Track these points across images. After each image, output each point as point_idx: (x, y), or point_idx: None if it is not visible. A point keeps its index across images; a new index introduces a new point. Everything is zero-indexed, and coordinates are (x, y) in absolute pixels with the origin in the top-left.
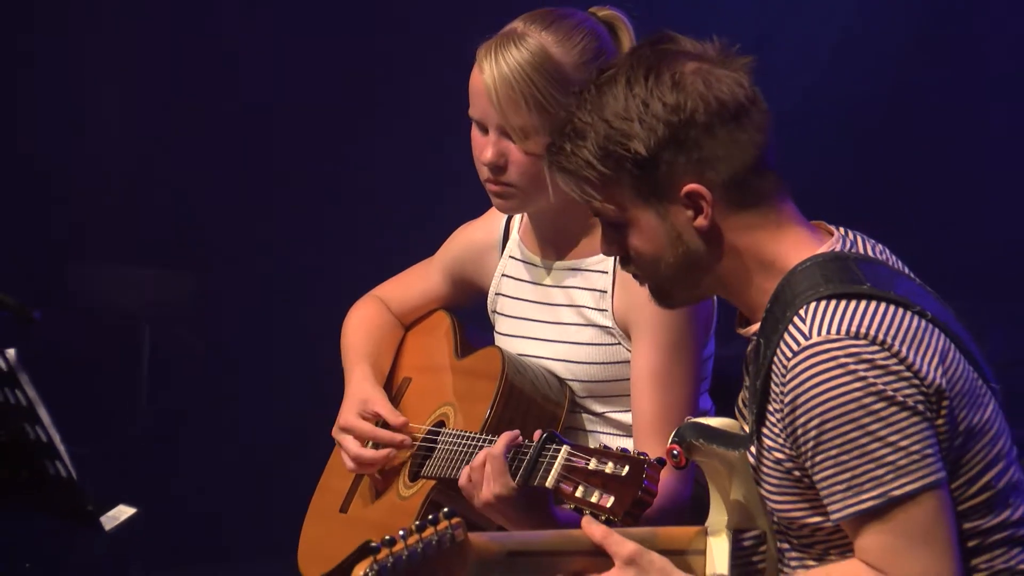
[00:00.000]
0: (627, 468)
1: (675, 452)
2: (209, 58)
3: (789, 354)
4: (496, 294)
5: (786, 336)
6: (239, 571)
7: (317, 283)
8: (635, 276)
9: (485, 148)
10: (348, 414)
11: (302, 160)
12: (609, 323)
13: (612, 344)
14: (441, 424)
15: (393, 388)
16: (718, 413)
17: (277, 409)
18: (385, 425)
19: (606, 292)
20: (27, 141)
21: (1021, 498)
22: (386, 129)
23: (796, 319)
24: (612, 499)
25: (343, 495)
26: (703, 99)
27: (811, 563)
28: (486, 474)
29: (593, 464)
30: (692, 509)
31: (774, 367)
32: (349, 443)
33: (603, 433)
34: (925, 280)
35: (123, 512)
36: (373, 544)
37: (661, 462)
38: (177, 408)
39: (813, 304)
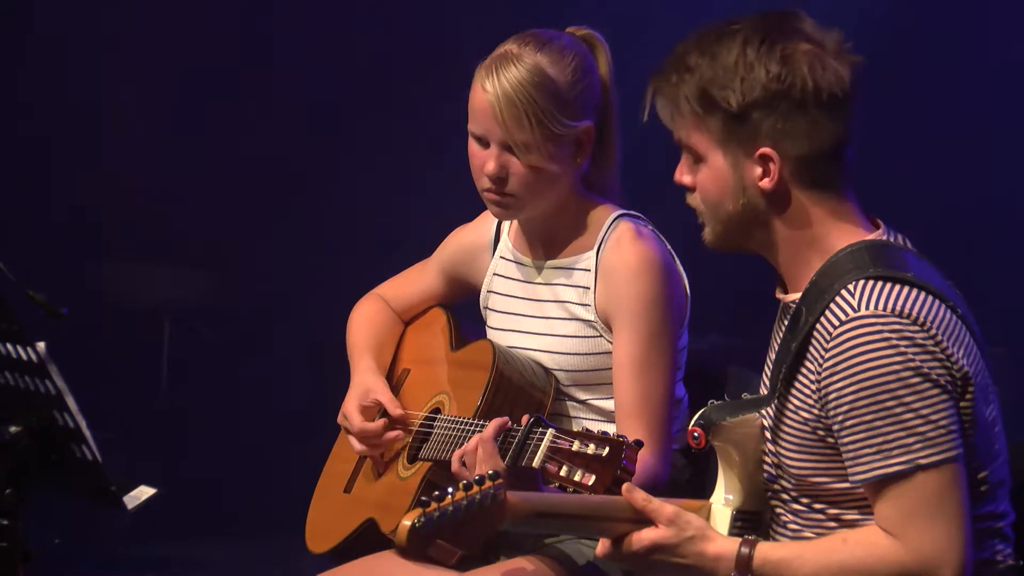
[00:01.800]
0: (607, 449)
1: (696, 434)
2: (224, 67)
3: (836, 322)
4: (488, 291)
5: (832, 306)
6: (250, 545)
7: (323, 282)
8: (696, 211)
9: (487, 161)
10: (351, 403)
11: (312, 170)
12: (591, 317)
13: (594, 336)
14: (437, 411)
15: (393, 378)
16: (691, 402)
17: (286, 398)
18: (385, 413)
19: (589, 288)
20: (58, 148)
21: (1004, 494)
22: (388, 144)
23: (844, 292)
24: (593, 477)
25: (347, 477)
26: (803, 79)
27: (811, 522)
28: (478, 457)
29: (576, 446)
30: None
31: (815, 332)
32: (353, 429)
33: (585, 419)
34: None
35: (144, 492)
36: (424, 499)
37: (639, 444)
38: (194, 397)
39: (862, 282)
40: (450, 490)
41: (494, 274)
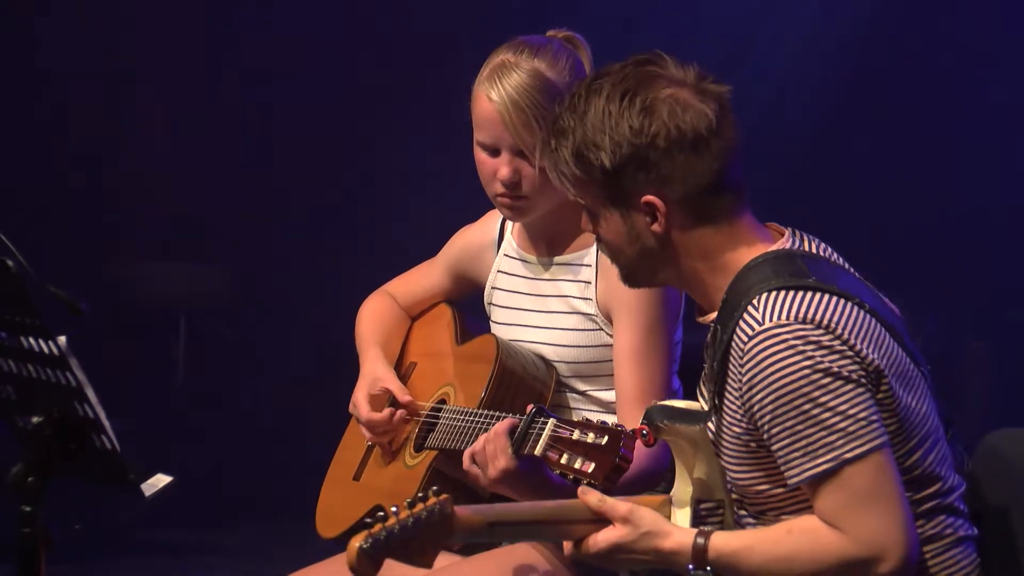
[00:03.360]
0: (606, 438)
1: (644, 432)
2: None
3: (745, 338)
4: (492, 288)
5: (741, 323)
6: (262, 531)
7: (333, 279)
8: (607, 255)
9: (500, 168)
10: (361, 391)
11: (323, 171)
12: (592, 311)
13: (594, 330)
14: (443, 402)
15: (401, 371)
16: (685, 394)
17: (296, 389)
18: (394, 401)
19: (590, 283)
20: (80, 152)
21: (949, 470)
22: (398, 146)
23: (750, 307)
24: (593, 465)
25: (356, 465)
26: (666, 127)
27: (764, 524)
28: (489, 454)
29: (576, 435)
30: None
31: (731, 350)
32: (363, 417)
33: (585, 409)
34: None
35: (161, 480)
36: (368, 520)
37: (635, 433)
38: (208, 389)
39: (765, 294)
40: (394, 509)
41: (498, 271)
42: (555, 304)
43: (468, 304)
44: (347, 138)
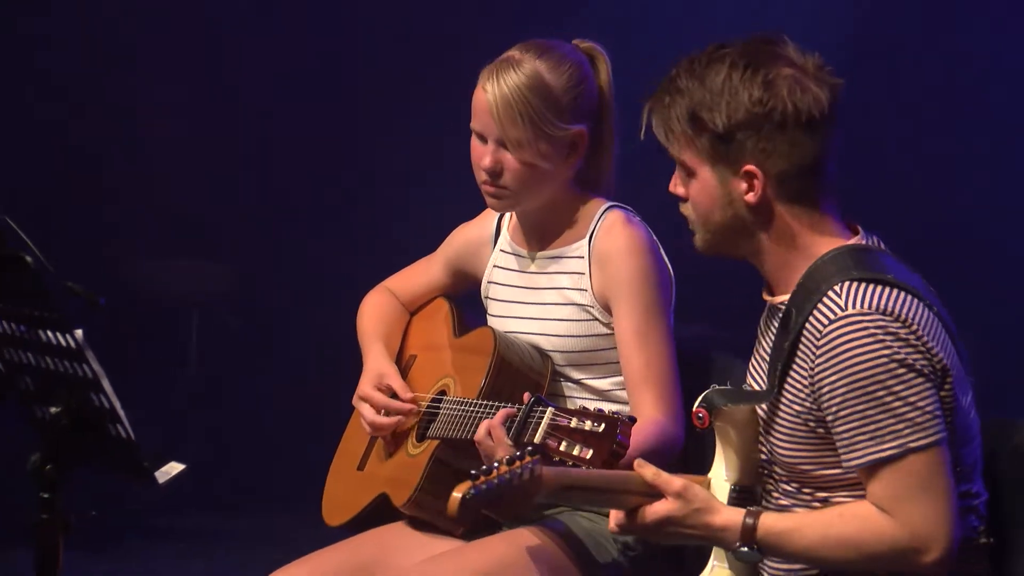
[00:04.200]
0: (603, 426)
1: (700, 415)
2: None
3: (825, 321)
4: (488, 282)
5: (820, 306)
6: (271, 518)
7: (336, 276)
8: (688, 219)
9: (484, 156)
10: (365, 386)
11: (326, 172)
12: (587, 301)
13: (588, 320)
14: (443, 393)
15: (402, 364)
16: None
17: (303, 382)
18: (395, 397)
19: (584, 274)
20: (97, 153)
21: (977, 474)
22: (395, 145)
23: (831, 293)
24: (591, 451)
25: (360, 455)
26: (783, 102)
27: (800, 502)
28: (492, 444)
29: (574, 423)
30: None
31: (806, 332)
32: (367, 410)
33: (580, 397)
34: None
35: (174, 468)
36: (474, 472)
37: (632, 420)
38: (220, 381)
39: (848, 283)
40: (496, 464)
41: (494, 266)
42: (550, 296)
43: (465, 298)
44: (348, 138)
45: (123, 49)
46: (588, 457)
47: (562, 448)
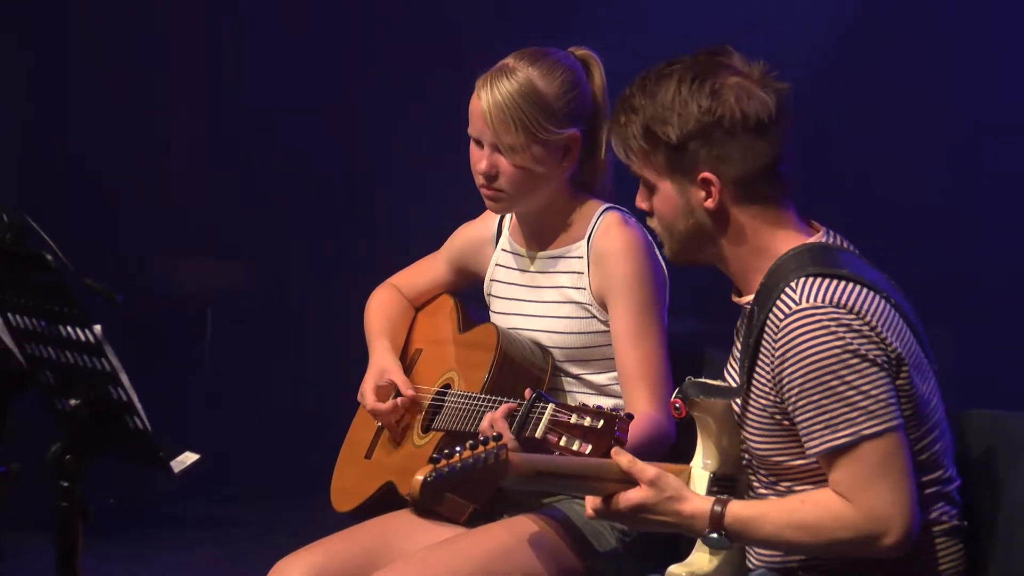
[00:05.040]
0: (602, 422)
1: (677, 405)
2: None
3: (781, 316)
4: (491, 280)
5: (778, 303)
6: (282, 505)
7: (344, 273)
8: (656, 232)
9: (480, 160)
10: (369, 382)
11: (337, 174)
12: (585, 299)
13: (587, 317)
14: (447, 386)
15: (407, 358)
16: (676, 373)
17: (313, 376)
18: (398, 391)
19: (582, 273)
20: (118, 156)
21: (950, 462)
22: (401, 150)
23: (787, 290)
24: (590, 447)
25: (367, 445)
26: (731, 109)
27: (776, 493)
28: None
29: (574, 419)
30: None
31: (767, 328)
32: (369, 406)
33: (579, 392)
34: None
35: (189, 458)
36: (435, 455)
37: (630, 417)
38: (233, 375)
39: (803, 279)
40: (458, 448)
41: (496, 264)
42: (550, 294)
43: (469, 295)
44: (355, 145)
45: (137, 48)
46: (587, 452)
47: (562, 443)
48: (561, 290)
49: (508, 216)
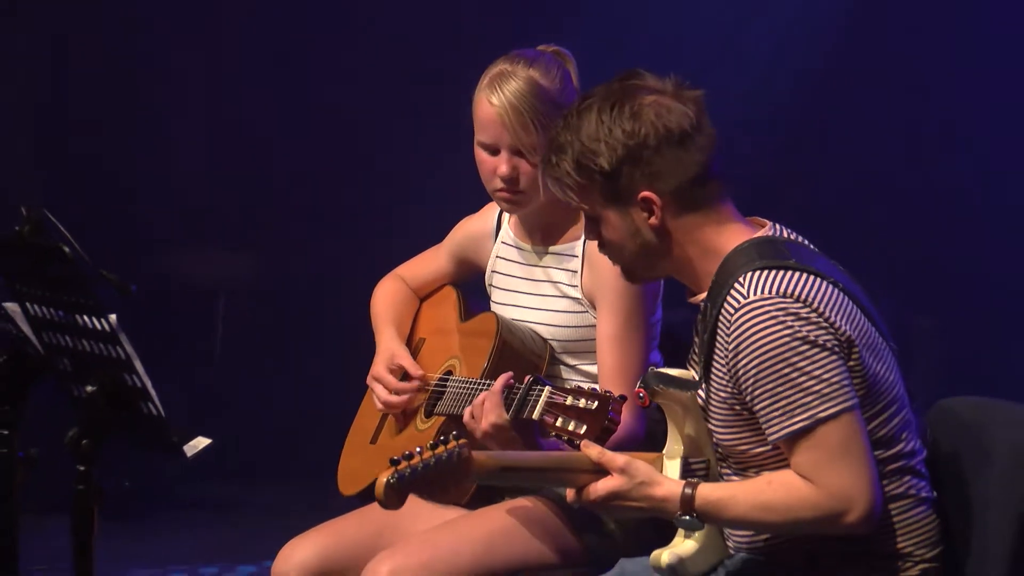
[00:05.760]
0: (596, 403)
1: (640, 395)
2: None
3: (732, 310)
4: (492, 271)
5: (728, 298)
6: (290, 488)
7: (351, 264)
8: (609, 257)
9: (500, 165)
10: (379, 367)
11: (345, 168)
12: (579, 296)
13: (582, 312)
14: (449, 373)
15: (412, 346)
16: (665, 364)
17: (321, 363)
18: (406, 375)
19: (577, 272)
20: (133, 150)
21: (912, 435)
22: (406, 147)
23: (736, 284)
24: (585, 427)
25: (373, 430)
26: (654, 127)
27: (744, 479)
28: (485, 409)
29: (570, 400)
30: (650, 444)
31: (719, 323)
32: (379, 390)
33: (574, 380)
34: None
35: (201, 442)
36: (395, 458)
37: (623, 399)
38: (244, 362)
39: (750, 273)
40: (418, 449)
41: (497, 257)
42: (547, 288)
43: (471, 286)
44: (364, 142)
45: (147, 45)
46: (582, 432)
47: (558, 424)
48: (557, 285)
49: None
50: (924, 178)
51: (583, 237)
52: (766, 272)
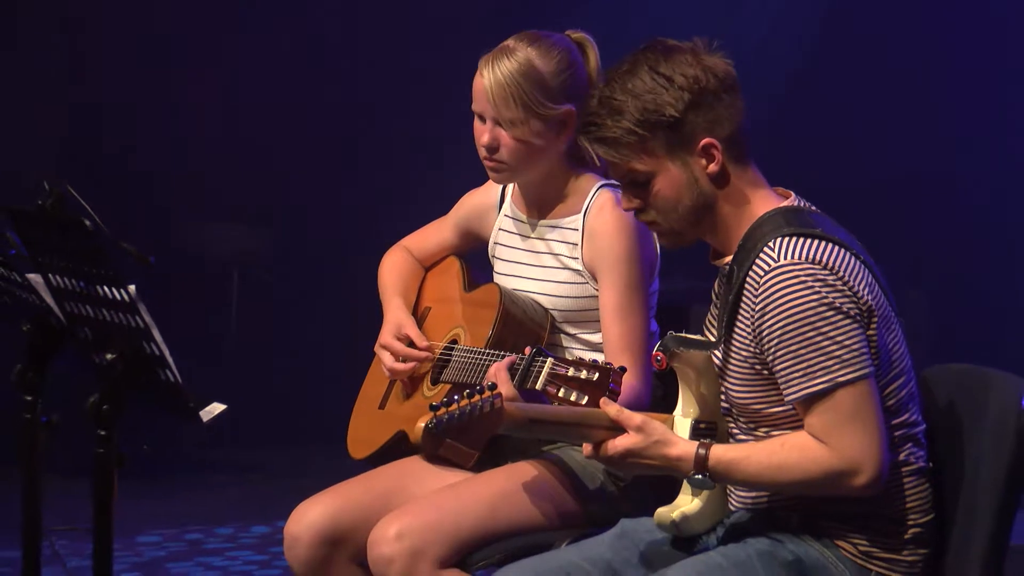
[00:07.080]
0: (597, 375)
1: (659, 358)
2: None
3: (761, 273)
4: (494, 243)
5: (758, 261)
6: (302, 452)
7: (359, 237)
8: (650, 223)
9: (483, 134)
10: (386, 335)
11: (351, 148)
12: (580, 267)
13: (582, 283)
14: (454, 342)
15: (417, 315)
16: (661, 334)
17: (331, 333)
18: (412, 344)
19: (577, 244)
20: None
21: (916, 405)
22: (412, 126)
23: (766, 248)
24: (586, 398)
25: (380, 396)
26: (706, 75)
27: (755, 439)
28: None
29: (571, 371)
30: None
31: (747, 284)
32: (387, 357)
33: (575, 348)
34: None
35: (216, 408)
36: (435, 404)
37: (623, 370)
38: (258, 332)
39: (781, 239)
40: (456, 397)
41: (499, 229)
42: (548, 260)
43: (474, 257)
44: (372, 119)
45: (167, 27)
46: (583, 403)
47: (560, 394)
48: (558, 257)
49: (511, 185)
50: (905, 155)
51: (582, 211)
52: (796, 239)
